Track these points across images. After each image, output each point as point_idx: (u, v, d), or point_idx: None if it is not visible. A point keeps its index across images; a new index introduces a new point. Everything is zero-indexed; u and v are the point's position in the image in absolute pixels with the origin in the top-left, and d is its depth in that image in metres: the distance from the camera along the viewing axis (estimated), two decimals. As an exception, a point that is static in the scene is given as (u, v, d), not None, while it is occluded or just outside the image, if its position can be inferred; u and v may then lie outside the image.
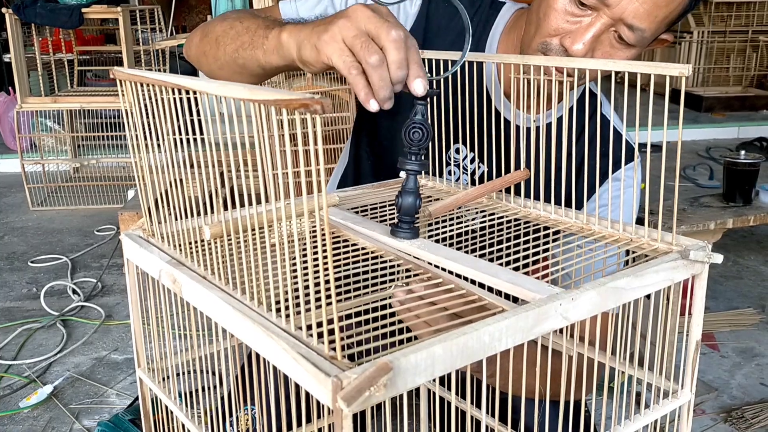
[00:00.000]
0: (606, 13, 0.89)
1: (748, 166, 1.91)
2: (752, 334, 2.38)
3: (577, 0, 0.90)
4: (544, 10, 0.93)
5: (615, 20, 0.89)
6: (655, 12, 0.88)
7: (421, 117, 0.69)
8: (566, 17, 0.92)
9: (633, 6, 0.87)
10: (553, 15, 0.92)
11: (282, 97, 0.44)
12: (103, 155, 3.90)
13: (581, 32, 0.91)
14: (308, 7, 1.07)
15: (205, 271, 0.62)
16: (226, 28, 0.93)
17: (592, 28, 0.90)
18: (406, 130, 0.69)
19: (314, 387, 0.45)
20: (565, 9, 0.91)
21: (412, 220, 0.70)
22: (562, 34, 0.93)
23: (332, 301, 0.47)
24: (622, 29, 0.90)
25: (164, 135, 0.62)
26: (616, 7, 0.88)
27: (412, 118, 0.69)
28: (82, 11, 3.38)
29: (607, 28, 0.90)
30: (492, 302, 0.58)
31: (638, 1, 0.87)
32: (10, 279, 2.80)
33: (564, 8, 0.91)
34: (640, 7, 0.87)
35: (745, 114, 4.94)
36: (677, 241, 0.66)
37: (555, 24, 0.92)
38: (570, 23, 0.92)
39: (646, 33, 0.90)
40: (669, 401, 0.66)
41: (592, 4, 0.89)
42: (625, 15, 0.88)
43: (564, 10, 0.92)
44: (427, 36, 1.06)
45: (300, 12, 1.07)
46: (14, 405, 1.95)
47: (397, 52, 0.66)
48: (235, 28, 0.91)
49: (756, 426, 1.86)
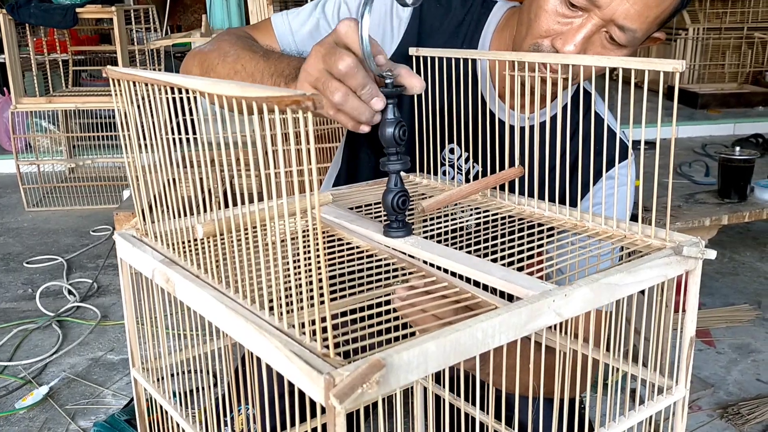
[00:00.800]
0: (597, 14, 0.89)
1: (743, 162, 1.91)
2: (748, 330, 2.38)
3: (568, 1, 0.90)
4: (535, 11, 0.93)
5: (606, 21, 0.89)
6: (646, 13, 0.88)
7: (392, 115, 0.69)
8: (557, 18, 0.91)
9: (623, 7, 0.87)
10: (543, 16, 0.92)
11: (273, 94, 0.44)
12: (99, 155, 3.89)
13: (572, 33, 0.91)
14: (300, 21, 1.07)
15: (198, 270, 0.62)
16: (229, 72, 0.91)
17: (583, 29, 0.90)
18: (380, 130, 0.69)
19: (307, 384, 0.45)
20: (556, 10, 0.91)
21: (402, 218, 0.70)
22: (553, 36, 0.92)
23: (325, 299, 0.47)
24: (613, 30, 0.89)
25: (158, 134, 0.62)
26: (606, 8, 0.88)
27: (384, 117, 0.69)
28: (76, 11, 3.37)
29: (598, 29, 0.90)
30: (485, 299, 0.58)
31: (629, 2, 0.87)
32: (5, 280, 2.80)
33: (555, 9, 0.91)
34: (630, 8, 0.87)
35: (740, 111, 4.94)
36: (671, 238, 0.66)
37: (546, 25, 0.92)
38: (561, 24, 0.92)
39: (638, 33, 0.89)
40: (664, 397, 0.66)
41: (582, 6, 0.89)
42: (616, 16, 0.88)
43: (555, 11, 0.91)
44: (421, 37, 1.06)
45: (292, 26, 1.06)
46: (10, 406, 1.95)
47: (353, 80, 0.67)
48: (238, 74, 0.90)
49: (752, 422, 1.86)
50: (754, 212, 1.89)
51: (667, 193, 0.80)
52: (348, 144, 1.19)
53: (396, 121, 0.69)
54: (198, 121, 0.57)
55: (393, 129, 0.68)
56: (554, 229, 0.73)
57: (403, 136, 0.69)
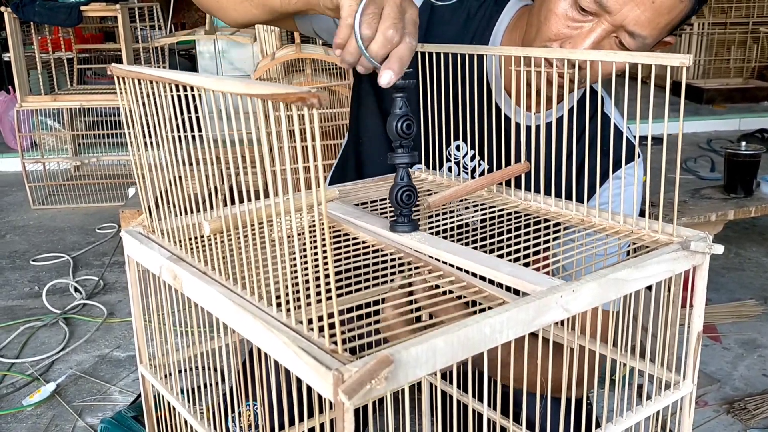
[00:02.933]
0: (607, 19, 0.88)
1: (749, 157, 1.90)
2: (754, 326, 2.38)
3: (578, 6, 0.89)
4: (545, 14, 0.92)
5: (616, 27, 0.88)
6: (656, 20, 0.87)
7: (399, 109, 0.69)
8: (567, 22, 0.91)
9: (634, 13, 0.86)
10: (553, 19, 0.91)
11: (279, 91, 0.44)
12: (104, 153, 3.90)
13: (582, 38, 0.90)
14: None
15: (206, 267, 0.62)
16: None
17: (592, 33, 0.89)
18: (389, 123, 0.69)
19: (315, 381, 0.45)
20: (566, 14, 0.90)
21: (408, 214, 0.70)
22: (563, 39, 0.92)
23: (332, 295, 0.47)
24: (623, 36, 0.89)
25: (163, 132, 0.62)
26: (617, 14, 0.87)
27: (393, 111, 0.69)
28: (80, 9, 3.37)
29: (608, 34, 0.90)
30: (492, 294, 0.58)
31: (640, 9, 0.86)
32: (12, 278, 2.80)
33: (565, 13, 0.90)
34: (641, 14, 0.86)
35: (746, 105, 4.92)
36: (678, 233, 0.66)
37: (556, 29, 0.91)
38: (570, 28, 0.91)
39: (648, 40, 0.89)
40: (671, 393, 0.66)
41: (593, 11, 0.88)
42: (627, 22, 0.87)
43: (565, 15, 0.90)
44: (429, 27, 1.05)
45: None
46: (17, 403, 1.96)
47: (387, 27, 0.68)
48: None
49: (758, 417, 1.86)
50: (760, 207, 1.89)
51: (674, 188, 0.80)
52: (352, 138, 1.19)
53: (402, 115, 0.69)
54: (203, 118, 0.57)
55: (397, 122, 0.68)
56: (560, 225, 0.73)
57: (407, 129, 0.69)
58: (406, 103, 0.70)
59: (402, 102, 0.70)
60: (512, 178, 0.81)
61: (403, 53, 0.70)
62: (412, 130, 0.69)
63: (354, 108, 1.17)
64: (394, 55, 0.70)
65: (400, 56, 0.70)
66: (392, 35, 0.69)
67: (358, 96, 1.14)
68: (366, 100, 1.12)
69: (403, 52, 0.70)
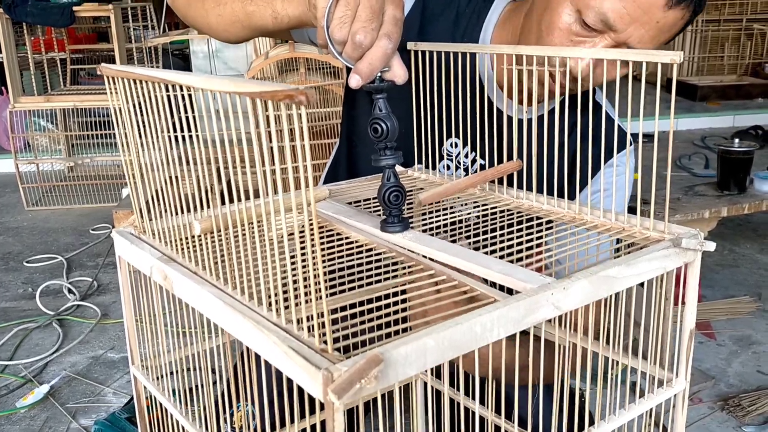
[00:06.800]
0: (611, 36, 0.88)
1: (742, 154, 1.91)
2: (749, 322, 2.38)
3: (582, 21, 0.88)
4: (547, 26, 0.91)
5: (619, 43, 0.88)
6: (659, 36, 0.88)
7: (380, 111, 0.68)
8: (570, 36, 0.90)
9: (639, 33, 0.86)
10: (556, 33, 0.90)
11: (267, 89, 0.44)
12: (97, 154, 3.89)
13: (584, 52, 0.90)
14: None
15: (196, 267, 0.61)
16: None
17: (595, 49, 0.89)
18: (369, 126, 0.68)
19: (305, 380, 0.45)
20: (570, 29, 0.90)
21: (398, 214, 0.70)
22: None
23: (322, 294, 0.46)
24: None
25: (153, 132, 0.62)
26: (622, 33, 0.87)
27: (374, 113, 0.69)
28: (73, 9, 3.36)
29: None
30: (483, 293, 0.58)
31: (644, 29, 0.86)
32: (5, 279, 2.80)
33: (568, 28, 0.90)
34: (645, 33, 0.87)
35: (740, 102, 4.93)
36: (669, 230, 0.66)
37: (558, 42, 0.91)
38: (573, 43, 0.90)
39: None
40: (664, 390, 0.66)
41: (598, 28, 0.88)
42: (631, 40, 0.87)
43: (568, 29, 0.90)
44: (423, 23, 1.05)
45: None
46: (11, 405, 1.95)
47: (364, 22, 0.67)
48: None
49: (753, 413, 1.86)
50: (754, 204, 1.89)
51: (666, 185, 0.80)
52: (345, 138, 1.19)
53: (385, 116, 0.68)
54: (192, 118, 0.57)
55: (382, 123, 0.68)
56: (552, 222, 0.73)
57: (392, 131, 0.68)
58: (386, 105, 0.69)
59: (383, 103, 0.69)
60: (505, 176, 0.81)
61: (374, 57, 0.68)
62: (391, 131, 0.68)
63: (346, 108, 1.16)
64: (365, 59, 0.68)
65: (371, 60, 0.68)
66: (360, 39, 0.68)
67: (351, 96, 1.14)
68: (358, 100, 1.12)
69: (374, 55, 0.68)
